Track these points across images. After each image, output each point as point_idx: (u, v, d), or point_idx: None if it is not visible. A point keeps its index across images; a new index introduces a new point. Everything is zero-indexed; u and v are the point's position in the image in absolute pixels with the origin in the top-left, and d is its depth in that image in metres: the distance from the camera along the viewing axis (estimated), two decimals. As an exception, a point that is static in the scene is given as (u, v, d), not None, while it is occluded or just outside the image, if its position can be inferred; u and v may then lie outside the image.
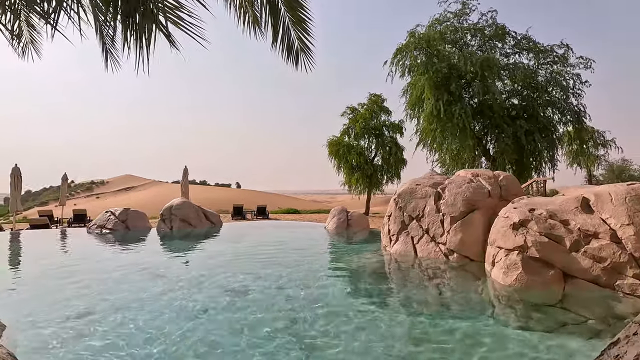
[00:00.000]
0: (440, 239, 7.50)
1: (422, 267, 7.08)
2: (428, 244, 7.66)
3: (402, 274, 6.82)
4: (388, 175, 28.66)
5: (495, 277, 5.75)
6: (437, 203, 7.84)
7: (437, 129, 16.65)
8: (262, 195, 56.61)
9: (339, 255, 8.82)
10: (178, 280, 6.14)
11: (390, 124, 28.50)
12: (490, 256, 6.15)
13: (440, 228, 7.54)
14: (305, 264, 7.24)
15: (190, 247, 9.97)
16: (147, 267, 7.13)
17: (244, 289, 5.54)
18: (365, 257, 8.06)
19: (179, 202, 12.95)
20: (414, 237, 7.94)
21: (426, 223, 7.80)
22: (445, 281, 6.28)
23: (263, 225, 15.81)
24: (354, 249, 9.14)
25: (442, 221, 7.56)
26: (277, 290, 5.48)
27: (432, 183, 8.32)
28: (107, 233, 12.16)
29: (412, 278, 6.47)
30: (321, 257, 8.33)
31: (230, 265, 7.38)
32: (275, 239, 11.08)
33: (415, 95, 17.15)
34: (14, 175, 17.78)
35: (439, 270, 6.81)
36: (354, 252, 8.82)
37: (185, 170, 20.61)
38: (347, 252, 9.04)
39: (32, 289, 5.84)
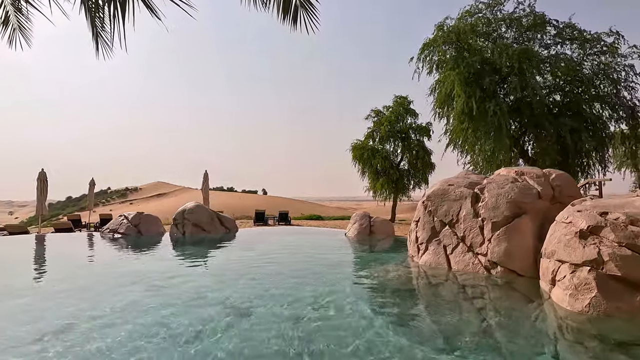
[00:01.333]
0: (479, 249, 6.19)
1: (457, 283, 5.80)
2: (464, 254, 6.36)
3: (433, 292, 5.57)
4: (415, 180, 27.08)
5: (557, 299, 4.42)
6: (474, 206, 6.55)
7: (469, 129, 15.12)
8: (287, 201, 56.10)
9: (359, 266, 7.65)
10: (173, 294, 5.24)
11: (417, 127, 26.99)
12: (547, 272, 4.81)
13: (479, 236, 6.24)
14: (320, 277, 6.14)
15: (199, 255, 9.12)
16: (144, 277, 6.30)
17: (246, 308, 4.54)
18: (389, 269, 6.86)
19: (192, 206, 12.23)
20: (447, 246, 6.67)
21: (461, 230, 6.52)
22: (489, 303, 4.99)
23: (282, 231, 14.84)
24: (377, 259, 7.94)
25: (482, 227, 6.25)
26: (283, 310, 4.43)
27: (468, 183, 7.03)
28: (119, 237, 11.60)
29: (445, 298, 5.21)
30: (338, 268, 7.21)
31: (236, 277, 6.40)
32: (290, 247, 10.06)
33: (444, 92, 15.71)
34: (40, 179, 17.85)
35: (479, 287, 5.51)
36: (376, 263, 7.63)
37: (205, 175, 20.10)
38: (369, 262, 7.86)
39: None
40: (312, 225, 20.15)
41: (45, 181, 17.96)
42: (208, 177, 20.28)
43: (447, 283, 5.91)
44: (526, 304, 4.88)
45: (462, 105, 14.88)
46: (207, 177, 20.17)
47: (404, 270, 6.77)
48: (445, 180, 7.48)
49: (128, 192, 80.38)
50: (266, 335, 3.66)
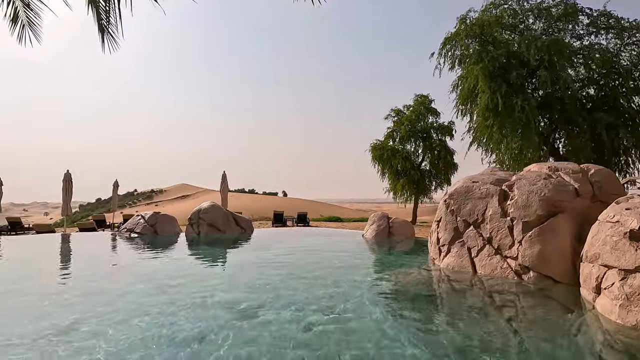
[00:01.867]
0: (508, 252, 5.58)
1: (484, 289, 5.22)
2: (491, 257, 5.76)
3: (457, 299, 5.01)
4: (437, 181, 26.20)
5: (604, 310, 3.80)
6: (502, 204, 5.94)
7: (494, 125, 14.30)
8: (307, 203, 55.86)
9: (376, 269, 7.14)
10: (178, 295, 4.94)
11: (438, 126, 26.14)
12: (590, 278, 4.18)
13: (509, 237, 5.63)
14: (334, 280, 5.69)
15: (212, 255, 8.86)
16: (152, 277, 6.06)
17: (254, 311, 4.17)
18: (409, 272, 6.34)
19: (207, 205, 12.06)
20: (472, 248, 6.08)
21: (488, 230, 5.92)
22: (520, 312, 4.40)
23: (298, 232, 14.49)
24: (396, 262, 7.41)
25: (511, 228, 5.64)
26: (293, 315, 4.04)
27: (495, 180, 6.41)
28: (135, 237, 11.55)
29: (471, 306, 4.65)
30: (354, 271, 6.74)
31: (247, 279, 6.05)
32: (306, 248, 9.65)
33: (468, 88, 14.97)
34: (66, 180, 18.27)
35: (509, 294, 4.92)
36: (395, 266, 7.11)
37: (223, 176, 20.07)
38: (387, 265, 7.34)
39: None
40: (330, 227, 19.71)
41: (70, 182, 18.38)
42: (226, 177, 20.26)
43: (472, 289, 5.34)
44: (565, 314, 4.27)
45: (486, 101, 14.11)
46: (225, 177, 20.14)
47: (424, 274, 6.23)
48: (469, 177, 6.88)
49: (153, 194, 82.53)
50: (274, 342, 3.27)
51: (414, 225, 17.48)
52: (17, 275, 6.38)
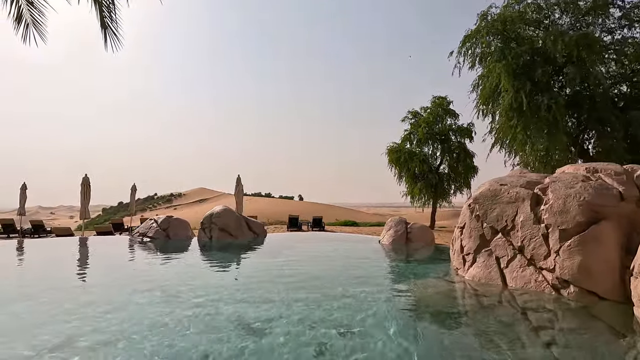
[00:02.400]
0: (543, 263, 4.96)
1: (516, 305, 4.62)
2: (524, 269, 5.15)
3: (485, 318, 4.42)
4: (456, 184, 25.27)
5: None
6: (535, 210, 5.32)
7: (518, 126, 13.49)
8: (322, 207, 55.40)
9: (394, 279, 6.59)
10: (182, 304, 4.58)
11: (457, 128, 25.26)
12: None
13: (543, 246, 5.01)
14: (348, 292, 5.20)
15: (222, 261, 8.51)
16: (158, 283, 5.73)
17: (262, 325, 3.77)
18: (429, 284, 5.78)
19: (219, 210, 11.77)
20: (501, 258, 5.48)
21: (519, 238, 5.31)
22: (560, 335, 3.80)
23: (312, 237, 14.03)
24: (415, 271, 6.85)
25: (546, 236, 5.02)
26: (305, 332, 3.60)
27: (525, 182, 5.79)
28: (147, 241, 11.36)
29: (501, 324, 4.08)
30: (371, 281, 6.23)
31: (255, 287, 5.65)
32: (319, 255, 9.18)
33: (489, 87, 14.23)
34: (84, 184, 18.45)
35: (546, 313, 4.31)
36: (414, 276, 6.54)
37: (238, 180, 19.86)
38: (405, 275, 6.78)
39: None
40: (346, 232, 19.17)
41: (88, 186, 18.53)
42: (241, 181, 20.05)
43: (502, 305, 4.74)
44: (616, 339, 3.65)
45: (510, 100, 13.34)
46: (239, 181, 19.93)
47: (447, 286, 5.66)
48: (495, 179, 6.27)
49: (173, 198, 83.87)
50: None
51: (432, 231, 16.76)
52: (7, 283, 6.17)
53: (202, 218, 11.85)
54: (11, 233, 16.85)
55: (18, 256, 9.57)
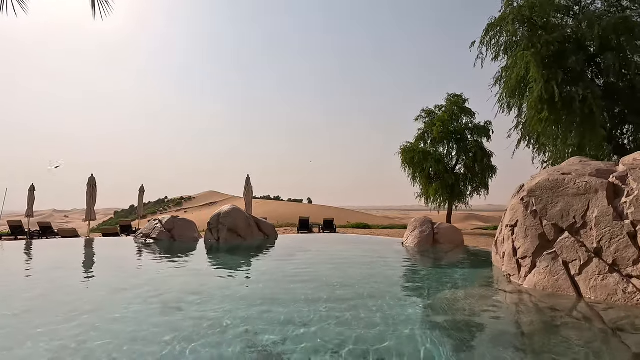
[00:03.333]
0: (633, 269, 3.88)
1: (604, 325, 3.53)
2: (605, 276, 4.06)
3: (565, 342, 3.34)
4: (473, 185, 24.04)
5: None
6: (614, 203, 4.24)
7: (549, 119, 12.35)
8: (332, 210, 54.33)
9: (427, 288, 5.50)
10: (185, 321, 3.62)
11: (474, 127, 24.08)
12: None
13: (631, 248, 3.93)
14: (375, 306, 4.17)
15: (229, 265, 7.55)
16: (157, 291, 4.79)
17: (275, 349, 2.78)
18: (477, 294, 4.72)
19: (228, 209, 10.83)
20: (570, 262, 4.40)
21: (594, 238, 4.23)
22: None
23: (326, 239, 13.01)
24: (454, 278, 5.77)
25: (633, 235, 3.94)
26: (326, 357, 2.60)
27: (594, 170, 4.72)
28: (151, 243, 10.48)
29: (594, 354, 3.00)
30: (399, 291, 5.19)
31: (267, 298, 4.64)
32: (335, 259, 8.15)
33: (516, 78, 13.11)
34: (90, 185, 17.77)
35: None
36: (452, 284, 5.47)
37: (247, 179, 19.00)
38: (441, 282, 5.71)
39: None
40: (359, 234, 18.10)
41: (94, 187, 17.86)
42: (250, 181, 19.17)
43: (584, 324, 3.66)
44: None
45: (539, 91, 12.21)
46: (249, 181, 19.06)
47: (501, 297, 4.60)
48: (556, 168, 5.20)
49: (183, 201, 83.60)
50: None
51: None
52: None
53: (209, 218, 10.94)
54: (19, 235, 16.53)
55: (7, 258, 8.75)
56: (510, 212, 5.38)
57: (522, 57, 12.57)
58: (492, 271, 5.88)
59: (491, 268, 6.06)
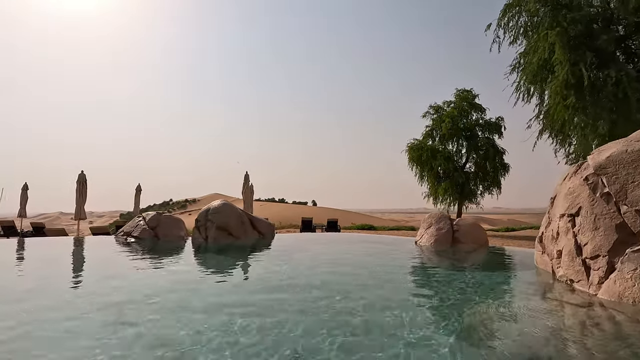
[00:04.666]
0: None
1: None
2: None
3: None
4: (484, 184, 22.55)
5: None
6: None
7: (577, 106, 10.96)
8: (337, 212, 52.95)
9: (457, 298, 4.05)
10: (143, 338, 2.32)
11: (485, 123, 22.65)
12: None
13: None
14: (394, 323, 2.85)
15: (214, 269, 6.26)
16: (120, 301, 3.51)
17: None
18: (533, 308, 3.36)
19: (217, 204, 9.56)
20: (672, 264, 3.04)
21: None
22: None
23: (329, 238, 11.66)
24: (487, 286, 4.41)
25: None
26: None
27: (693, 137, 3.36)
28: (132, 242, 9.24)
29: None
30: (426, 305, 3.85)
31: (256, 312, 3.33)
32: (341, 261, 6.77)
33: (537, 62, 11.73)
34: (80, 182, 16.67)
35: None
36: (489, 294, 4.10)
37: (246, 177, 17.77)
38: (473, 290, 4.31)
39: None
40: (363, 234, 16.72)
41: (84, 184, 16.75)
42: (249, 179, 17.94)
43: None
44: None
45: (565, 75, 10.82)
46: (248, 178, 17.83)
47: (567, 316, 3.23)
48: (627, 140, 3.85)
49: (187, 203, 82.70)
50: None
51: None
52: None
53: (197, 215, 9.69)
54: (12, 235, 15.73)
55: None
56: (566, 197, 4.03)
57: (545, 37, 11.22)
58: (537, 275, 4.52)
59: (534, 271, 4.70)
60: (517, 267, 5.30)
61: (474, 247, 7.22)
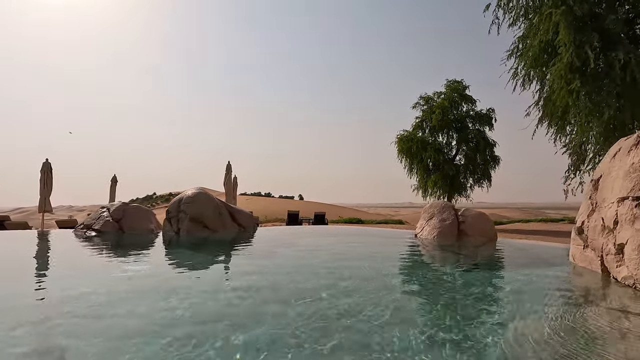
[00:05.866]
0: None
1: None
2: None
3: None
4: (474, 177, 21.96)
5: None
6: None
7: (581, 91, 10.18)
8: (324, 206, 51.99)
9: (493, 311, 3.10)
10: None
11: (475, 115, 21.99)
12: None
13: None
14: (403, 337, 1.82)
15: (182, 268, 5.11)
16: (56, 310, 2.35)
17: None
18: (591, 323, 2.40)
19: (191, 193, 8.37)
20: None
21: None
22: None
23: (317, 231, 10.62)
24: (520, 289, 3.44)
25: None
26: None
27: None
28: (92, 236, 7.97)
29: None
30: (451, 322, 2.84)
31: (224, 332, 2.24)
32: (332, 259, 5.70)
33: (539, 44, 10.92)
34: (44, 171, 15.05)
35: None
36: (528, 299, 3.13)
37: (228, 167, 16.52)
38: (503, 300, 3.34)
39: None
40: (352, 228, 15.76)
41: (49, 173, 15.16)
42: (231, 169, 16.68)
43: None
44: None
45: (569, 57, 10.01)
46: (230, 168, 16.57)
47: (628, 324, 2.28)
48: None
49: (171, 197, 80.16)
50: None
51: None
52: None
53: (169, 205, 8.49)
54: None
55: None
56: (628, 176, 3.08)
57: (548, 17, 10.37)
58: (579, 276, 3.59)
59: (572, 270, 3.78)
60: (547, 265, 4.36)
61: (482, 241, 6.30)
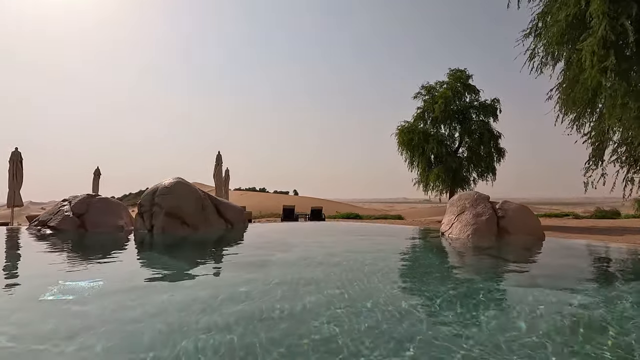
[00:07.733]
0: None
1: None
2: None
3: None
4: (478, 170, 20.64)
5: None
6: None
7: (615, 70, 8.84)
8: (320, 201, 50.61)
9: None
10: None
11: (479, 105, 20.64)
12: None
13: None
14: None
15: (147, 278, 3.65)
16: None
17: None
18: None
19: (168, 183, 6.86)
20: None
21: None
22: None
23: (316, 229, 9.19)
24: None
25: None
26: None
27: None
28: (48, 234, 6.47)
29: None
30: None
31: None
32: (335, 265, 4.28)
33: (565, 18, 9.55)
34: (13, 161, 13.35)
35: None
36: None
37: (218, 157, 14.97)
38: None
39: None
40: (353, 224, 14.37)
41: (19, 163, 13.48)
42: (221, 160, 15.13)
43: None
44: None
45: (602, 31, 8.64)
46: (220, 159, 15.02)
47: None
48: None
49: (165, 193, 78.17)
50: None
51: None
52: None
53: (142, 196, 7.00)
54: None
55: None
56: None
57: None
58: None
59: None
60: (622, 269, 2.99)
61: (530, 240, 4.93)
